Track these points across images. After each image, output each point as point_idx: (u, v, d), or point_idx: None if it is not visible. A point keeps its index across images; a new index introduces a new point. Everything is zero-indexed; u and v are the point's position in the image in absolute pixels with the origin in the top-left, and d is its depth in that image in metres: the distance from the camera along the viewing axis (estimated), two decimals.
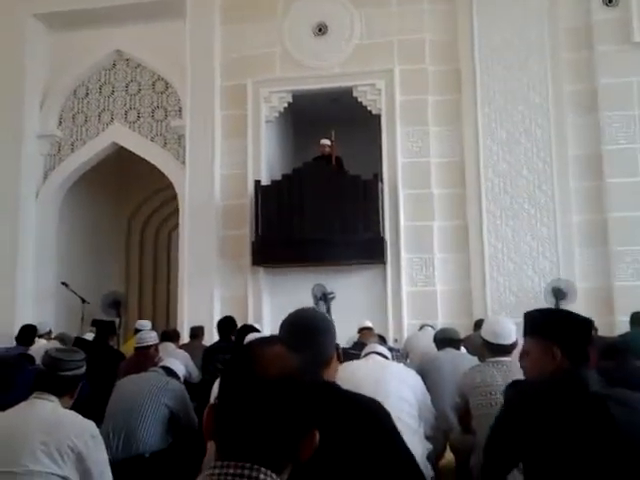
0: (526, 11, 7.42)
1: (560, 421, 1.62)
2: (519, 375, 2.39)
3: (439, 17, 7.65)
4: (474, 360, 3.63)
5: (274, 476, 0.92)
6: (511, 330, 2.79)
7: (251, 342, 1.06)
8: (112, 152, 8.57)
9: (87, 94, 8.57)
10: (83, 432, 2.06)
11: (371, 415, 1.59)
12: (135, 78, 8.46)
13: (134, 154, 8.36)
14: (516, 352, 3.05)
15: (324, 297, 7.15)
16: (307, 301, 7.02)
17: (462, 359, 3.78)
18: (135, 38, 8.27)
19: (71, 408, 2.21)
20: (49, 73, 8.58)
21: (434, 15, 7.65)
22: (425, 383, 3.12)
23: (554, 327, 1.76)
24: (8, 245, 8.08)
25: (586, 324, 1.78)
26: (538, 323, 1.83)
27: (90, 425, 2.11)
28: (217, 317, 6.84)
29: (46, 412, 2.09)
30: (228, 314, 5.73)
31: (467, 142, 7.47)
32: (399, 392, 2.77)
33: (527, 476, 1.69)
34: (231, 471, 0.91)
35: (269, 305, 7.67)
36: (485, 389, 2.71)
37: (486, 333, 2.83)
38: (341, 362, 1.84)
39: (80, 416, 2.13)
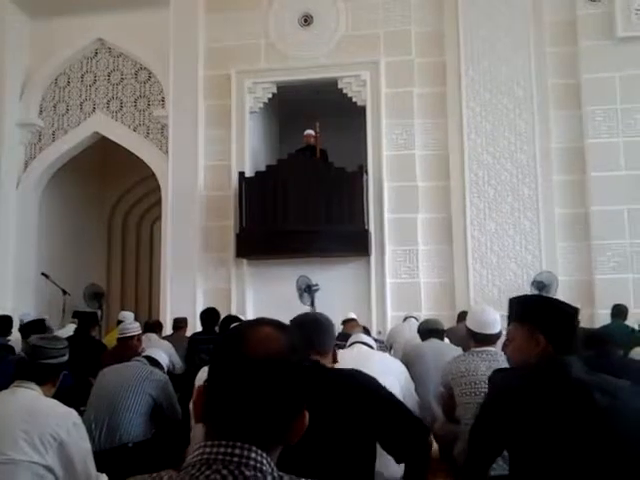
0: (511, 5, 7.45)
1: (544, 408, 1.62)
2: (504, 365, 2.41)
3: (425, 9, 7.65)
4: (458, 350, 3.65)
5: (264, 455, 0.92)
6: (496, 320, 2.81)
7: (241, 323, 1.06)
8: (94, 142, 8.46)
9: (69, 83, 8.44)
10: (65, 420, 2.03)
11: (360, 384, 1.87)
12: (117, 67, 8.34)
13: (116, 144, 8.25)
14: (500, 343, 3.08)
15: (308, 289, 7.15)
16: (291, 293, 7.04)
17: (446, 349, 3.80)
18: (118, 27, 8.14)
19: (54, 398, 2.18)
20: (30, 61, 8.43)
21: (420, 7, 7.65)
22: (409, 373, 3.14)
23: (538, 313, 1.77)
24: None
25: (571, 312, 1.79)
26: (522, 309, 1.83)
27: (72, 413, 2.08)
28: (200, 309, 6.76)
29: (27, 400, 2.05)
30: (211, 306, 5.69)
31: (452, 135, 7.49)
32: (383, 381, 2.77)
33: (512, 463, 1.70)
34: (222, 450, 0.90)
35: (252, 297, 7.64)
36: (470, 378, 2.72)
37: (471, 322, 2.84)
38: (335, 362, 2.00)
39: (62, 404, 2.10)
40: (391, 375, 2.83)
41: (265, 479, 0.90)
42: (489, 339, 2.77)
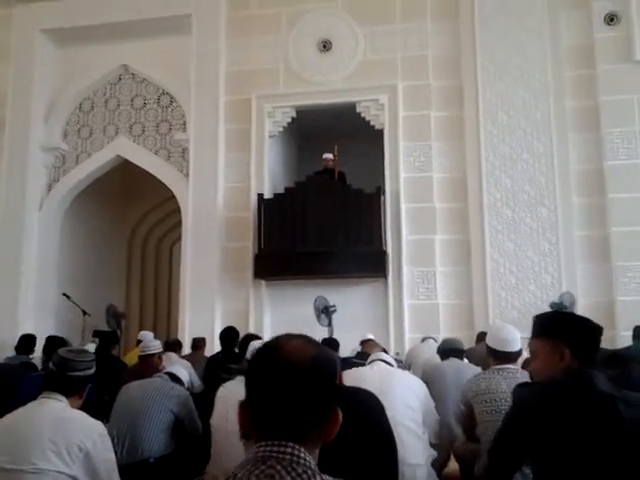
0: (528, 29, 7.53)
1: (569, 420, 1.62)
2: None
3: (442, 34, 7.76)
4: (478, 370, 3.63)
5: (309, 454, 1.03)
6: (516, 338, 2.80)
7: (276, 336, 1.16)
8: (116, 165, 8.63)
9: (92, 107, 8.65)
10: (91, 432, 2.07)
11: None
12: (140, 92, 8.55)
13: (138, 167, 8.42)
14: (520, 361, 3.07)
15: (326, 310, 7.16)
16: (309, 314, 7.06)
17: (466, 369, 3.78)
18: (141, 53, 8.37)
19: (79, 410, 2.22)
20: (56, 87, 8.67)
21: (437, 32, 7.76)
22: (429, 392, 3.13)
23: (564, 327, 1.78)
24: (11, 256, 8.11)
25: (596, 328, 1.80)
26: (548, 324, 1.84)
27: (98, 425, 2.12)
28: (218, 330, 6.82)
29: (55, 411, 2.09)
30: (230, 325, 5.72)
31: (469, 157, 7.53)
32: (404, 398, 2.79)
33: (536, 476, 1.70)
34: (275, 449, 1.02)
35: (270, 318, 7.67)
36: (490, 396, 2.70)
37: (491, 340, 2.83)
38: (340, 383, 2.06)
39: (88, 416, 2.14)
40: (411, 392, 2.83)
41: (314, 476, 1.01)
42: (509, 357, 2.77)
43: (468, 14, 7.67)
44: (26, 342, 5.52)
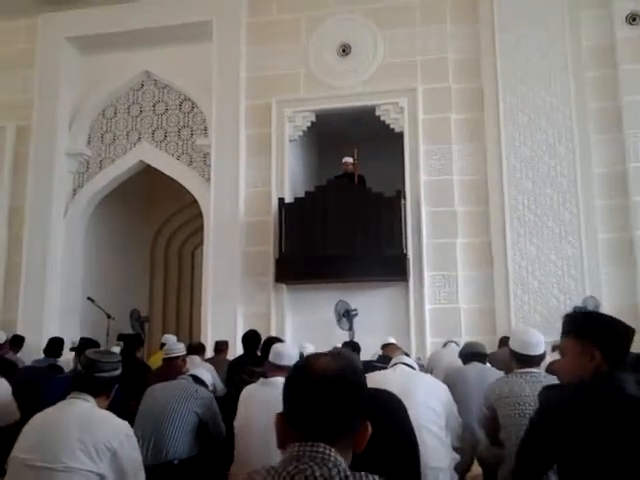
0: (548, 30, 7.48)
1: (597, 424, 1.61)
2: None
3: (462, 37, 7.74)
4: (501, 374, 3.60)
5: (339, 454, 1.14)
6: (540, 341, 2.78)
7: (306, 356, 1.30)
8: (139, 170, 8.75)
9: (115, 114, 8.79)
10: (118, 431, 2.11)
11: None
12: (162, 98, 8.67)
13: (160, 172, 8.53)
14: (544, 365, 3.05)
15: (347, 314, 7.17)
16: (330, 318, 7.07)
17: (489, 372, 3.75)
18: (163, 60, 8.49)
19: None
20: (80, 94, 8.83)
21: (457, 35, 7.75)
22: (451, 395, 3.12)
23: (596, 328, 1.76)
24: (37, 261, 8.26)
25: (628, 330, 1.78)
26: (579, 323, 1.82)
27: (125, 425, 2.16)
28: (240, 333, 6.86)
29: (83, 411, 2.14)
30: (253, 329, 5.75)
31: (490, 160, 7.48)
32: (427, 402, 2.79)
33: (562, 478, 1.69)
34: (308, 449, 1.13)
35: (291, 322, 7.69)
36: (513, 400, 2.69)
37: (514, 343, 2.82)
38: None
39: (115, 416, 2.18)
40: (434, 395, 2.83)
41: (344, 473, 1.11)
42: (533, 360, 2.75)
43: (487, 16, 7.65)
44: (54, 345, 5.62)
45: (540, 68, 7.44)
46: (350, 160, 7.92)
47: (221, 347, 6.25)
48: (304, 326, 7.48)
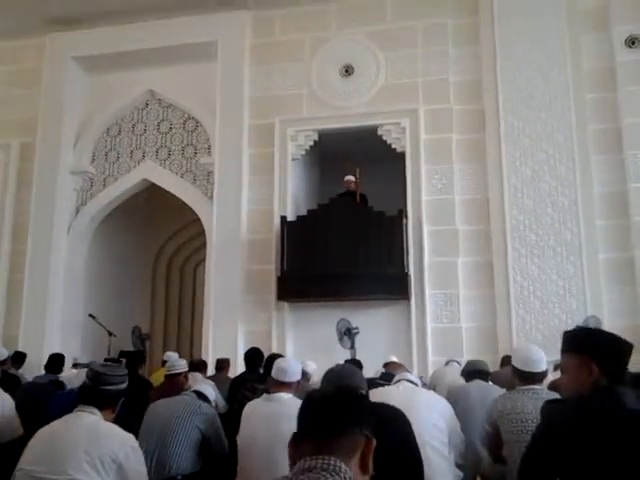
0: (549, 53, 7.58)
1: (597, 438, 1.63)
2: None
3: (463, 59, 7.85)
4: (503, 392, 3.61)
5: (348, 469, 1.19)
6: (542, 358, 2.80)
7: (313, 390, 1.43)
8: (143, 188, 8.81)
9: (120, 132, 8.88)
10: (124, 444, 2.12)
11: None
12: (167, 117, 8.76)
13: (163, 190, 8.58)
14: (546, 383, 3.06)
15: (348, 332, 7.16)
16: (331, 336, 7.06)
17: (491, 390, 3.75)
18: (167, 79, 8.61)
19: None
20: (85, 112, 8.92)
21: (458, 57, 7.86)
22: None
23: (593, 343, 1.79)
24: (40, 277, 8.28)
25: (625, 344, 1.80)
26: (576, 339, 1.85)
27: (130, 437, 2.17)
28: (241, 351, 6.88)
29: (90, 424, 2.15)
30: (255, 346, 5.74)
31: (491, 180, 7.54)
32: (430, 418, 2.79)
33: None
34: (319, 461, 1.19)
35: (293, 340, 7.69)
36: (516, 416, 2.70)
37: (517, 360, 2.83)
38: None
39: (121, 429, 2.19)
40: (437, 412, 2.84)
41: None
42: (535, 377, 2.76)
43: (489, 39, 7.76)
44: (55, 361, 5.62)
45: (541, 90, 7.53)
46: (352, 178, 7.98)
47: (222, 365, 6.24)
48: (305, 344, 7.47)
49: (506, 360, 6.01)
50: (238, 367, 6.64)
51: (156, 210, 10.00)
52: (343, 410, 1.27)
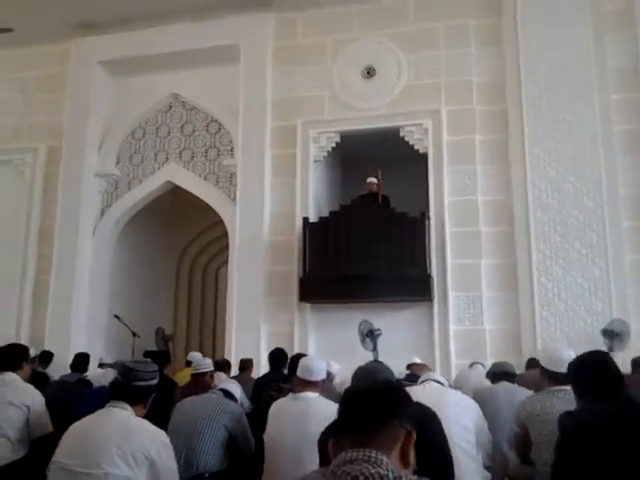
0: (573, 53, 7.49)
1: (622, 440, 1.62)
2: None
3: (486, 59, 7.80)
4: (530, 394, 3.57)
5: (390, 463, 1.19)
6: (571, 357, 2.76)
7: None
8: (166, 190, 8.90)
9: (144, 135, 8.99)
10: (155, 440, 2.15)
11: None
12: (190, 120, 8.84)
13: (187, 192, 8.66)
14: None
15: (370, 334, 7.13)
16: (353, 337, 7.04)
17: (518, 392, 3.71)
18: (191, 82, 8.69)
19: None
20: (109, 115, 9.05)
21: (481, 57, 7.81)
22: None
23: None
24: (65, 279, 8.41)
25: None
26: None
27: (162, 433, 2.20)
28: (264, 352, 6.91)
29: (121, 419, 2.18)
30: (279, 347, 5.76)
31: (515, 181, 7.47)
32: (458, 419, 2.78)
33: None
34: (361, 454, 1.20)
35: (315, 341, 7.69)
36: (545, 417, 2.66)
37: (546, 361, 2.81)
38: None
39: (152, 424, 2.22)
40: (465, 412, 2.82)
41: (396, 473, 1.17)
42: (565, 378, 2.72)
43: (512, 39, 7.70)
44: (81, 360, 5.70)
45: (565, 89, 7.45)
46: (374, 180, 7.97)
47: (246, 365, 6.27)
48: (327, 346, 7.47)
49: (531, 363, 5.96)
50: (261, 368, 6.68)
51: (179, 212, 10.10)
52: (383, 402, 1.28)
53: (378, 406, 1.27)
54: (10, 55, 9.35)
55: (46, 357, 6.98)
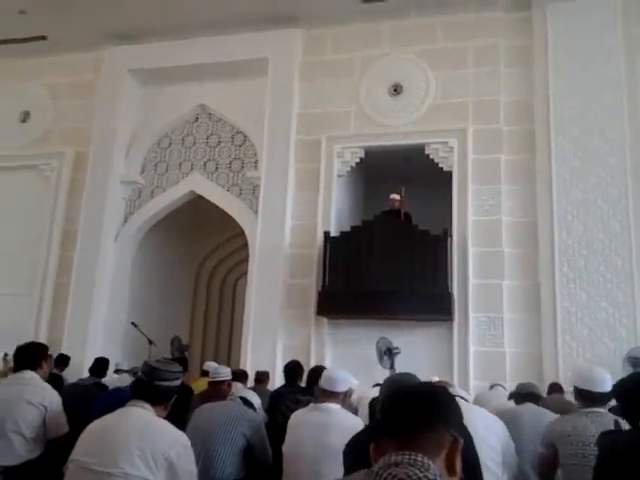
0: (603, 75, 7.43)
1: None
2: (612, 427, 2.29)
3: (515, 79, 7.76)
4: (556, 417, 3.47)
5: (436, 469, 1.13)
6: (605, 378, 2.68)
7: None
8: (189, 200, 8.93)
9: (170, 144, 9.06)
10: (176, 442, 2.10)
11: None
12: (216, 131, 8.91)
13: (209, 203, 8.69)
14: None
15: (389, 352, 7.02)
16: (370, 354, 6.94)
17: (544, 414, 3.61)
18: (218, 94, 8.76)
19: None
20: (137, 124, 9.15)
21: (510, 77, 7.77)
22: None
23: None
24: (86, 282, 8.45)
25: None
26: None
27: (182, 435, 2.15)
28: (279, 365, 6.84)
29: (142, 419, 2.14)
30: (296, 359, 5.70)
31: (540, 202, 7.38)
32: (485, 438, 2.69)
33: None
34: (406, 457, 1.14)
35: (331, 356, 7.60)
36: (576, 439, 2.58)
37: (578, 380, 2.72)
38: None
39: (173, 426, 2.17)
40: (492, 431, 2.74)
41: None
42: (598, 398, 2.63)
43: (542, 59, 7.66)
44: (100, 365, 5.70)
45: (594, 112, 7.38)
46: (397, 197, 7.93)
47: (262, 377, 6.21)
48: (344, 361, 7.36)
49: (554, 387, 5.82)
50: (276, 381, 6.61)
51: (201, 222, 10.13)
52: (427, 405, 1.21)
53: (422, 409, 1.20)
54: (43, 62, 9.54)
55: (63, 360, 6.99)
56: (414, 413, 1.20)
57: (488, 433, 2.70)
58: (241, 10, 8.28)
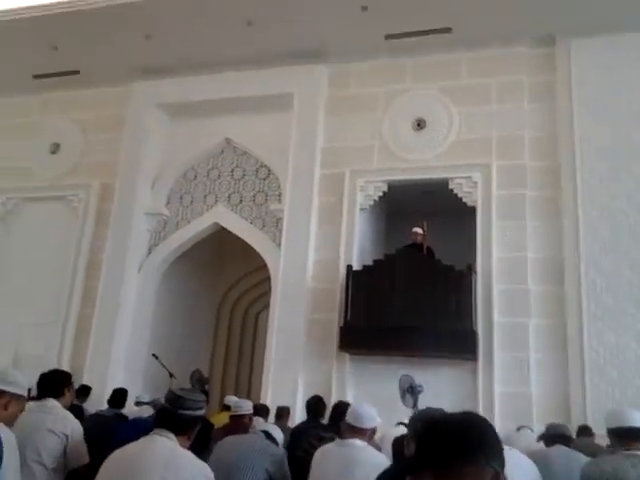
0: (629, 108, 7.40)
1: None
2: None
3: (539, 115, 7.76)
4: (588, 459, 3.33)
5: None
6: (637, 417, 2.56)
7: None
8: (213, 232, 8.99)
9: (195, 177, 9.18)
10: (199, 473, 2.06)
11: None
12: (240, 164, 9.02)
13: (233, 235, 8.73)
14: None
15: (411, 390, 6.87)
16: (393, 391, 6.80)
17: (575, 456, 3.47)
18: (244, 127, 8.89)
19: None
20: (163, 156, 9.31)
21: (534, 112, 7.78)
22: None
23: None
24: (109, 313, 8.49)
25: None
26: None
27: (205, 467, 2.11)
28: (300, 400, 6.74)
29: (166, 449, 2.10)
30: (318, 395, 5.60)
31: (567, 239, 7.28)
32: (513, 477, 2.58)
33: None
34: None
35: (353, 392, 7.47)
36: None
37: (610, 421, 2.61)
38: None
39: (196, 457, 2.13)
40: (521, 470, 2.63)
41: None
42: (634, 434, 2.52)
43: (566, 95, 7.67)
44: (119, 396, 5.66)
45: (620, 147, 7.33)
46: (419, 231, 7.88)
47: (282, 413, 6.10)
48: (365, 398, 7.20)
49: (583, 430, 5.62)
50: (297, 417, 6.50)
51: (224, 254, 10.18)
52: (466, 435, 1.14)
53: (461, 440, 1.13)
54: (74, 96, 9.82)
55: (84, 391, 6.97)
56: (453, 444, 1.13)
57: (517, 473, 2.60)
58: (268, 46, 8.47)
